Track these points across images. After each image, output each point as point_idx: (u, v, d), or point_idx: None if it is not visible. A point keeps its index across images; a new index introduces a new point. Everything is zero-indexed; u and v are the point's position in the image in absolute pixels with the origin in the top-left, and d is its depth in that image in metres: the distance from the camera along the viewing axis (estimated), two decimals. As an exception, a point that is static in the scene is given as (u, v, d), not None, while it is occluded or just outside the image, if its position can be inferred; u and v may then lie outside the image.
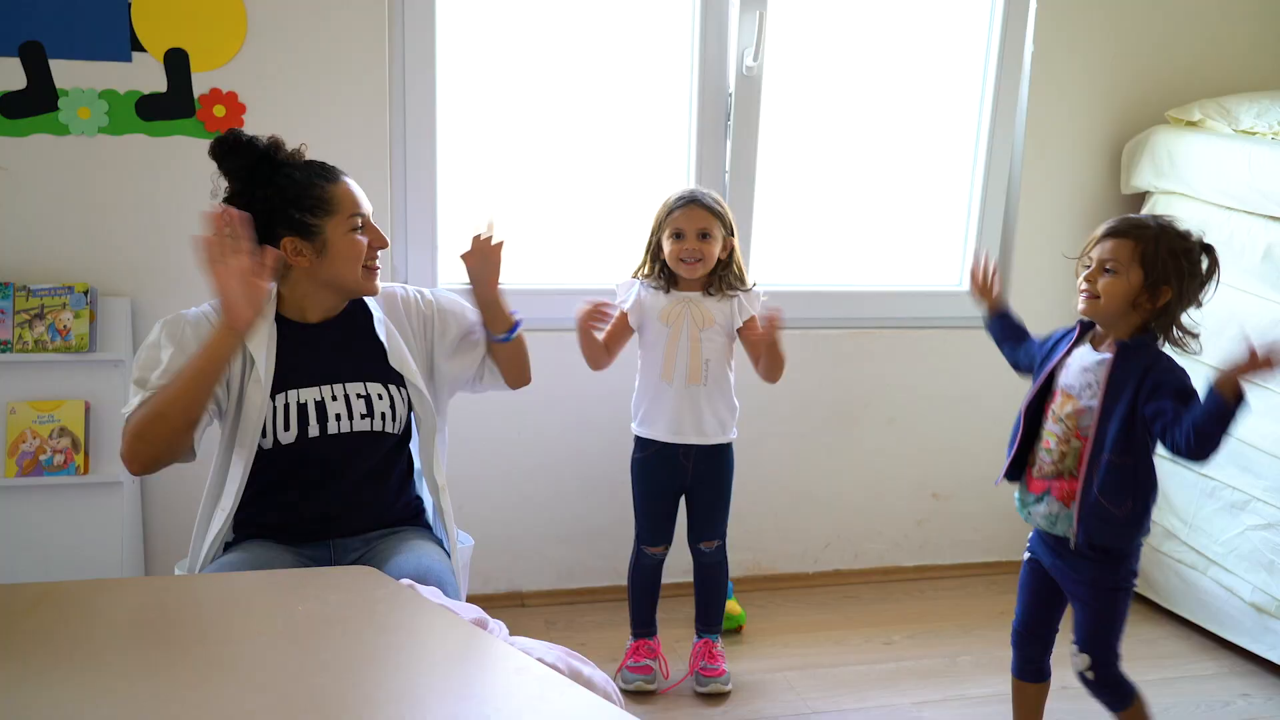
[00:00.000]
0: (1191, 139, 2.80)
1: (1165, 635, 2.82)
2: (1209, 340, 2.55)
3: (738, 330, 2.37)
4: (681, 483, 2.44)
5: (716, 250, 2.32)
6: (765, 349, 2.32)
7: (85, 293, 2.41)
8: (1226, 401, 1.73)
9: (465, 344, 2.08)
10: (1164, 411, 1.81)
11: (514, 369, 2.13)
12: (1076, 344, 1.99)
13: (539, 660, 1.37)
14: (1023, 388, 3.12)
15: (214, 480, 1.93)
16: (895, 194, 3.05)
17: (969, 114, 3.02)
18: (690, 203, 2.30)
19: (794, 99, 2.89)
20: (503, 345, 2.08)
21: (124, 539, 2.48)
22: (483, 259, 2.06)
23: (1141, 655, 2.67)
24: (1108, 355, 1.91)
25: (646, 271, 2.40)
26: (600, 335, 2.37)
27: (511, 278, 2.78)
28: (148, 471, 1.83)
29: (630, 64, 2.79)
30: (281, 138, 1.90)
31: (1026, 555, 2.12)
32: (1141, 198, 3.00)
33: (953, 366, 3.08)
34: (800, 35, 2.86)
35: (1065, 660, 2.05)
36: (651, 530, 2.47)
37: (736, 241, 2.38)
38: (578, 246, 2.84)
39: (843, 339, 3.00)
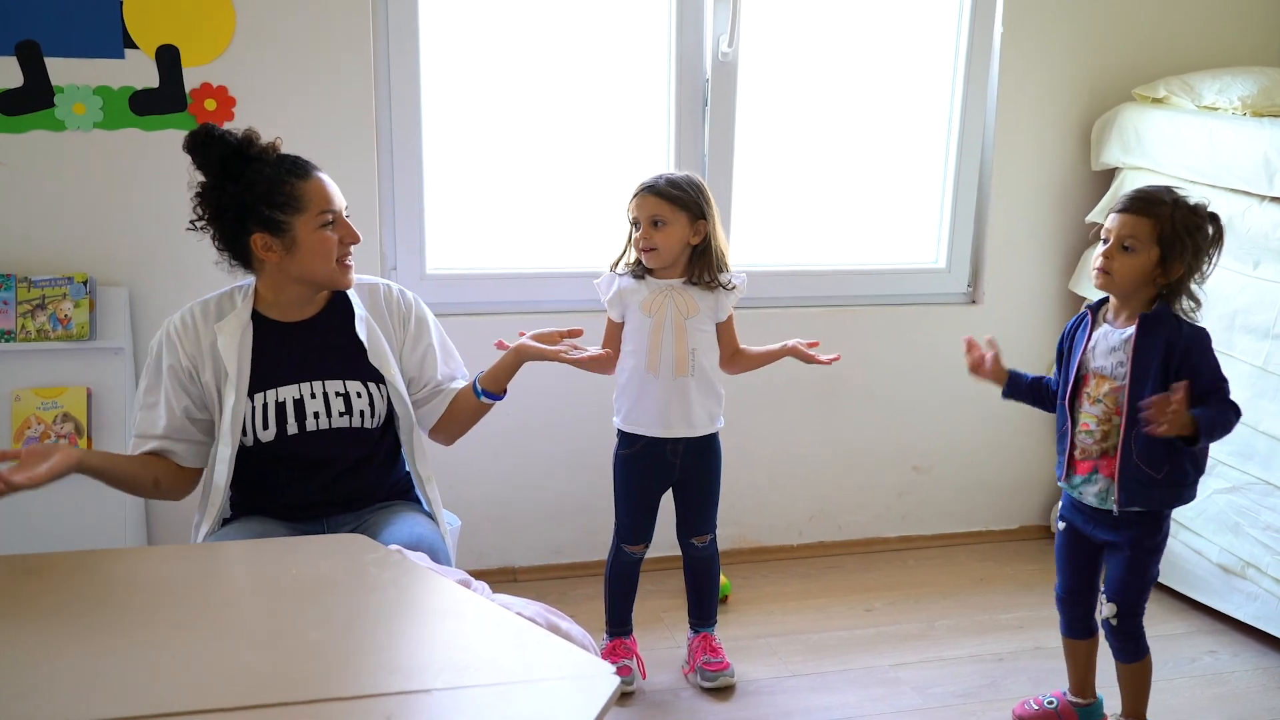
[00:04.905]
0: (1157, 115, 2.88)
1: (1138, 598, 2.91)
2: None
3: (717, 325, 2.35)
4: (668, 479, 2.40)
5: (675, 238, 2.24)
6: (759, 361, 2.42)
7: (84, 283, 2.49)
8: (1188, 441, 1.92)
9: (425, 365, 2.10)
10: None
11: (458, 426, 2.14)
12: (1094, 327, 2.06)
13: (518, 614, 1.46)
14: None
15: (205, 478, 2.01)
16: (871, 174, 3.12)
17: (941, 95, 3.10)
18: (643, 191, 2.25)
19: (769, 83, 2.96)
20: (472, 401, 2.09)
21: (127, 521, 2.56)
22: (549, 346, 2.08)
23: (1113, 616, 2.76)
24: (1130, 330, 1.98)
25: (626, 259, 2.35)
26: (598, 349, 2.26)
27: (496, 262, 2.90)
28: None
29: (609, 52, 2.86)
30: (256, 131, 1.92)
31: (1060, 525, 2.21)
32: (1111, 174, 3.08)
33: (930, 341, 3.17)
34: (774, 20, 2.93)
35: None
36: (633, 528, 2.42)
37: (713, 226, 2.28)
38: (561, 231, 2.92)
39: (822, 316, 3.08)
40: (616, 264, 2.38)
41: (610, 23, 2.85)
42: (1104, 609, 2.12)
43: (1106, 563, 2.14)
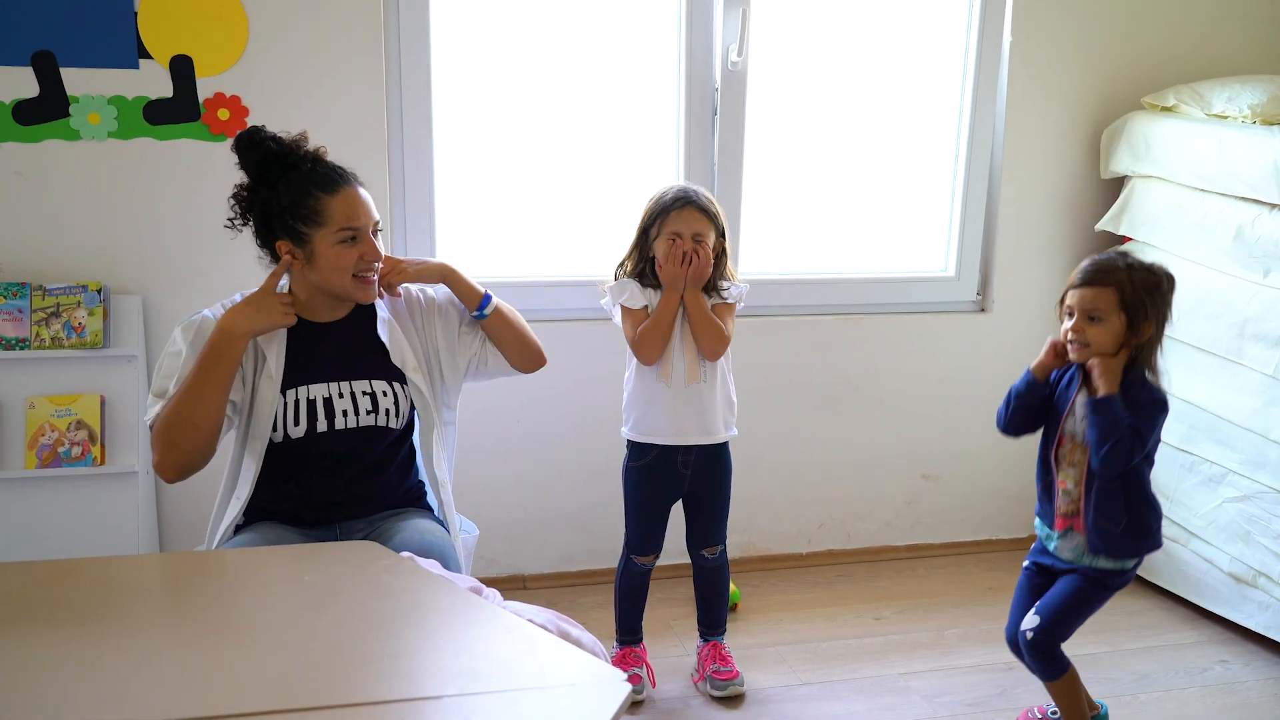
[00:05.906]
0: (1166, 124, 2.88)
1: (1149, 607, 2.90)
2: (1183, 318, 2.65)
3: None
4: (678, 490, 2.41)
5: (710, 253, 2.26)
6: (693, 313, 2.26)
7: (98, 291, 2.51)
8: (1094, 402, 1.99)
9: (466, 329, 2.15)
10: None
11: (511, 347, 2.14)
12: (1080, 390, 2.09)
13: (529, 621, 1.46)
14: (1007, 369, 3.20)
15: (230, 471, 2.02)
16: (880, 183, 3.13)
17: (950, 104, 3.10)
18: (687, 204, 2.24)
19: (779, 92, 2.97)
20: (485, 323, 2.12)
21: (139, 527, 2.57)
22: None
23: (1123, 626, 2.75)
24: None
25: (632, 268, 2.33)
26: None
27: (506, 270, 2.91)
28: (182, 477, 1.91)
29: (620, 61, 2.88)
30: (307, 136, 1.96)
31: (1026, 564, 2.24)
32: (1120, 182, 3.08)
33: (938, 350, 3.17)
34: (783, 30, 2.94)
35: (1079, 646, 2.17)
36: (644, 540, 2.43)
37: (728, 243, 2.33)
38: (571, 239, 2.93)
39: (832, 325, 3.08)
40: (629, 271, 2.35)
41: (621, 32, 2.86)
42: (1025, 620, 2.12)
43: (1056, 585, 2.13)
